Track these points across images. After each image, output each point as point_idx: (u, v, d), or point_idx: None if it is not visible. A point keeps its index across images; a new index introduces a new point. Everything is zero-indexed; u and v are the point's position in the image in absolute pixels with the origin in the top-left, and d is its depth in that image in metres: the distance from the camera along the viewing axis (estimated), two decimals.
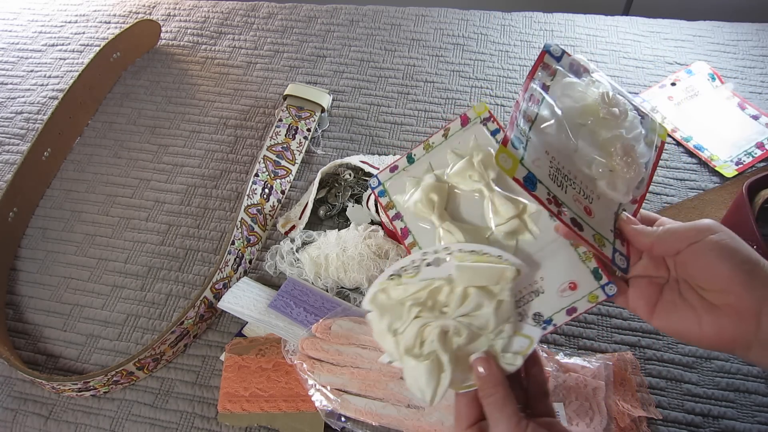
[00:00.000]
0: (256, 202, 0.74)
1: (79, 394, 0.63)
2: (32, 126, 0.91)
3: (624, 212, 0.43)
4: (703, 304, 0.37)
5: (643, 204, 0.45)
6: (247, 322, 0.66)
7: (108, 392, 0.63)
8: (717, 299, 0.37)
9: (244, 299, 0.66)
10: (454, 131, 0.48)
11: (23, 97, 0.95)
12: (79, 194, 0.82)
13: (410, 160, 0.48)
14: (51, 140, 0.83)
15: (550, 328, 0.42)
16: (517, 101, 0.42)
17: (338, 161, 0.78)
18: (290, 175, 0.79)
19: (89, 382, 0.60)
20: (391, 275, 0.42)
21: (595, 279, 0.42)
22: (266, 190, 0.76)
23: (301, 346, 0.60)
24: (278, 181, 0.77)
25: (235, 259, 0.70)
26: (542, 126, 0.42)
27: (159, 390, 0.63)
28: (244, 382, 0.61)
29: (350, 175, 0.77)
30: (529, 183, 0.39)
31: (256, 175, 0.76)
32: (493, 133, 0.47)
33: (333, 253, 0.67)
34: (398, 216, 0.47)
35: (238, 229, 0.71)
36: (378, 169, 0.76)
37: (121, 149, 0.87)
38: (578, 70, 0.47)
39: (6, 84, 0.98)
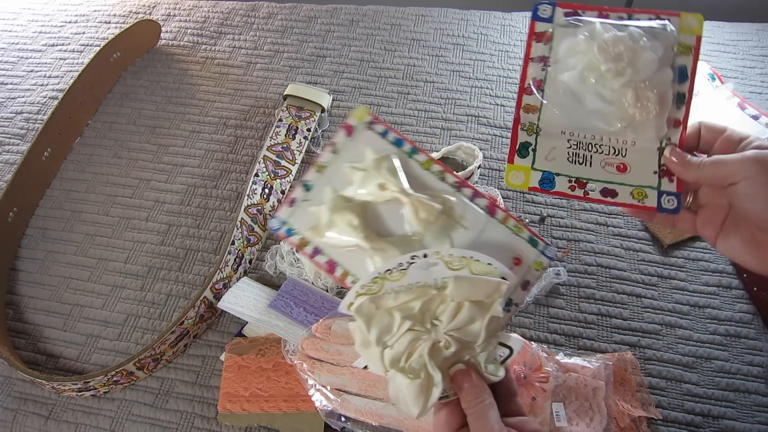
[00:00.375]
0: (256, 202, 0.74)
1: (79, 394, 0.63)
2: (32, 126, 0.91)
3: (667, 144, 0.42)
4: (755, 237, 0.38)
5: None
6: (247, 322, 0.66)
7: (108, 392, 0.63)
8: (761, 237, 0.38)
9: (244, 299, 0.66)
10: (342, 144, 0.45)
11: (23, 97, 0.95)
12: (79, 194, 0.82)
13: (307, 188, 0.43)
14: (51, 140, 0.83)
15: (513, 308, 0.41)
16: (515, 117, 0.43)
17: None
18: (290, 175, 0.79)
19: (89, 382, 0.60)
20: (375, 278, 0.40)
21: (533, 247, 0.41)
22: (266, 190, 0.76)
23: (301, 346, 0.60)
24: (278, 181, 0.77)
25: (235, 259, 0.70)
26: (552, 108, 0.42)
27: (159, 390, 0.63)
28: (244, 382, 0.61)
29: None
30: (547, 184, 0.41)
31: (256, 175, 0.76)
32: (383, 135, 0.44)
33: None
34: (317, 251, 0.42)
35: (238, 229, 0.71)
36: None
37: (121, 149, 0.87)
38: (576, 16, 0.44)
39: (6, 84, 0.98)
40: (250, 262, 0.72)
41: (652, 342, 0.63)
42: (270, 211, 0.75)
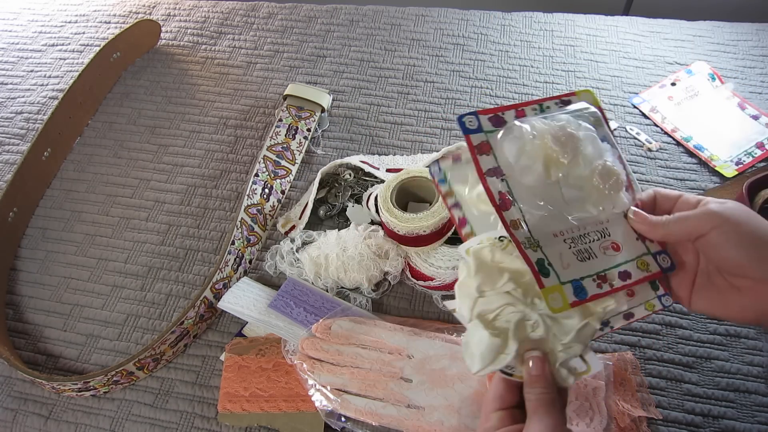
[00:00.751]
0: (256, 202, 0.74)
1: (79, 394, 0.63)
2: (32, 126, 0.91)
3: (629, 211, 0.43)
4: (726, 286, 0.40)
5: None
6: (247, 322, 0.66)
7: (108, 392, 0.63)
8: (736, 282, 0.39)
9: (244, 299, 0.66)
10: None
11: (23, 97, 0.95)
12: (79, 194, 0.82)
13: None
14: (51, 140, 0.83)
15: (607, 329, 0.43)
16: (515, 241, 0.40)
17: (338, 161, 0.78)
18: (290, 175, 0.79)
19: (89, 382, 0.60)
20: (502, 237, 0.41)
21: (652, 289, 0.43)
22: (266, 190, 0.76)
23: (301, 346, 0.60)
24: (278, 181, 0.77)
25: (235, 259, 0.70)
26: (534, 215, 0.41)
27: (159, 390, 0.63)
28: (244, 382, 0.61)
29: (350, 175, 0.77)
30: (580, 293, 0.40)
31: (256, 175, 0.76)
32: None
33: (333, 253, 0.67)
34: (457, 205, 0.46)
35: (238, 229, 0.71)
36: (378, 168, 0.76)
37: (121, 149, 0.87)
38: (500, 120, 0.44)
39: (6, 84, 0.98)
40: (250, 262, 0.72)
41: (652, 342, 0.63)
42: (270, 211, 0.75)
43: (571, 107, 0.45)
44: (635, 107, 0.85)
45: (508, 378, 0.40)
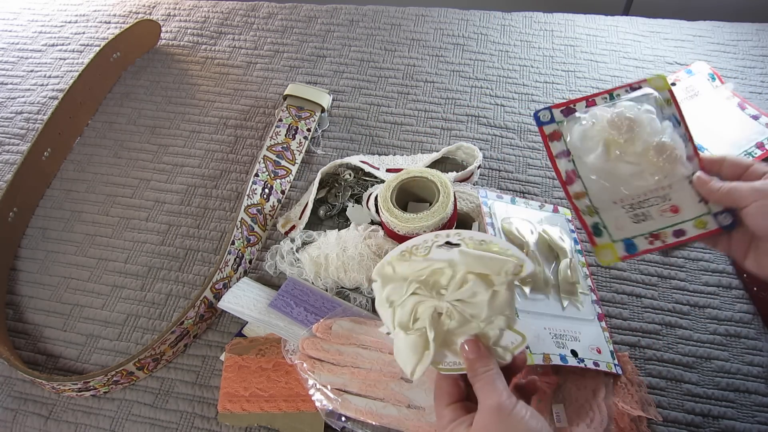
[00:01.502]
0: (256, 202, 0.74)
1: (79, 394, 0.63)
2: (32, 126, 0.91)
3: (694, 175, 0.48)
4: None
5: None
6: (247, 322, 0.66)
7: (108, 392, 0.63)
8: None
9: (244, 299, 0.66)
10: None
11: (23, 97, 0.95)
12: (79, 194, 0.82)
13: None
14: (51, 140, 0.83)
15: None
16: (574, 208, 0.50)
17: (338, 161, 0.78)
18: (290, 175, 0.79)
19: (89, 382, 0.60)
20: (403, 251, 0.44)
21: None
22: (266, 190, 0.76)
23: (302, 345, 0.60)
24: (278, 181, 0.77)
25: (235, 259, 0.70)
26: (595, 187, 0.49)
27: (159, 390, 0.63)
28: (244, 382, 0.61)
29: (350, 175, 0.77)
30: (632, 248, 0.49)
31: (256, 175, 0.76)
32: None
33: (333, 253, 0.67)
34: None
35: (238, 229, 0.71)
36: (378, 168, 0.76)
37: (121, 149, 0.87)
38: (571, 110, 0.51)
39: (6, 84, 0.98)
40: (250, 262, 0.72)
41: (652, 342, 0.63)
42: (270, 211, 0.75)
43: (637, 93, 0.50)
44: None
45: (449, 373, 0.42)
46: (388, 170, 0.77)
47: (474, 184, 0.77)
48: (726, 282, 0.67)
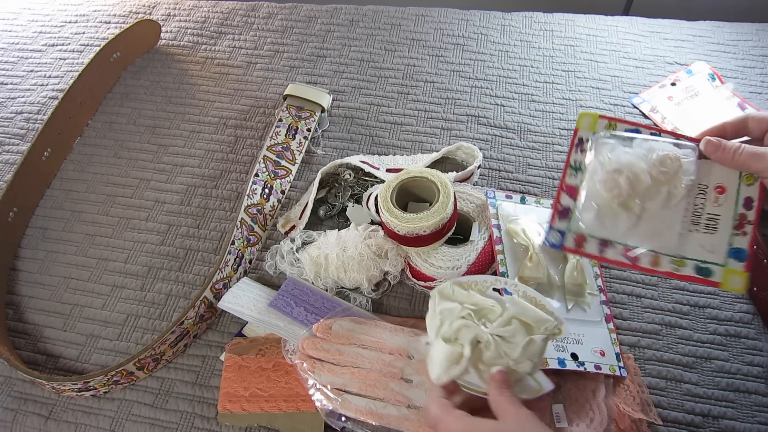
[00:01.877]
0: (256, 202, 0.74)
1: (79, 394, 0.63)
2: (32, 126, 0.91)
3: (701, 142, 0.45)
4: None
5: None
6: (247, 322, 0.66)
7: (108, 392, 0.63)
8: None
9: (244, 299, 0.66)
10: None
11: (23, 97, 0.95)
12: (79, 194, 0.82)
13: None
14: (51, 140, 0.83)
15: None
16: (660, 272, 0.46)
17: (338, 161, 0.78)
18: (290, 175, 0.79)
19: (89, 382, 0.60)
20: (463, 282, 0.51)
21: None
22: (266, 190, 0.76)
23: (302, 345, 0.60)
24: (278, 181, 0.77)
25: (235, 259, 0.70)
26: (659, 243, 0.46)
27: (159, 390, 0.63)
28: (244, 382, 0.61)
29: (350, 175, 0.77)
30: (741, 254, 0.45)
31: (256, 175, 0.76)
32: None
33: (333, 253, 0.67)
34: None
35: (238, 229, 0.71)
36: (378, 168, 0.76)
37: (121, 149, 0.87)
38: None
39: (6, 84, 0.98)
40: (250, 262, 0.72)
41: (652, 342, 0.63)
42: (270, 211, 0.75)
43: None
44: (635, 107, 0.85)
45: (468, 391, 0.47)
46: (388, 170, 0.77)
47: (474, 184, 0.77)
48: None
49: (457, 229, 0.67)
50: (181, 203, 0.79)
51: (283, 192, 0.78)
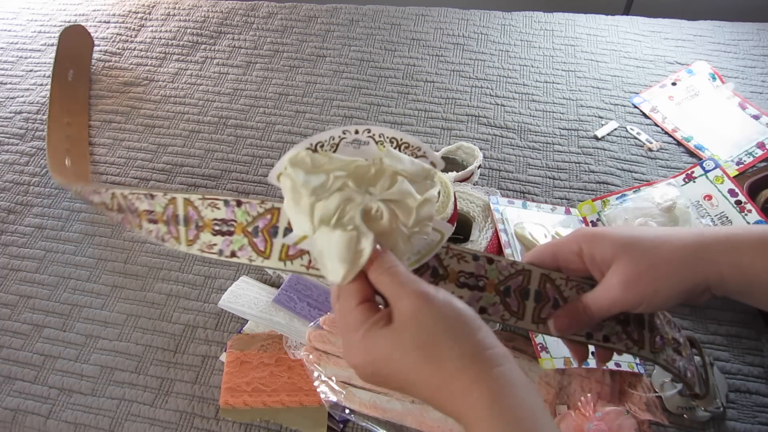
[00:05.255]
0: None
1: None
2: (32, 126, 0.91)
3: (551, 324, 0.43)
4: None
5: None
6: (247, 321, 0.66)
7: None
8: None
9: (243, 298, 0.66)
10: None
11: (22, 96, 0.95)
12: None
13: None
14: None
15: None
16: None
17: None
18: None
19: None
20: (308, 148, 0.38)
21: None
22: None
23: (309, 337, 0.60)
24: None
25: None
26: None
27: (158, 389, 0.63)
28: (246, 377, 0.61)
29: None
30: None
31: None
32: None
33: None
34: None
35: None
36: None
37: (120, 149, 0.87)
38: None
39: (5, 84, 0.97)
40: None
41: None
42: None
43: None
44: (636, 107, 0.85)
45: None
46: None
47: (474, 184, 0.77)
48: None
49: (457, 229, 0.67)
50: None
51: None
